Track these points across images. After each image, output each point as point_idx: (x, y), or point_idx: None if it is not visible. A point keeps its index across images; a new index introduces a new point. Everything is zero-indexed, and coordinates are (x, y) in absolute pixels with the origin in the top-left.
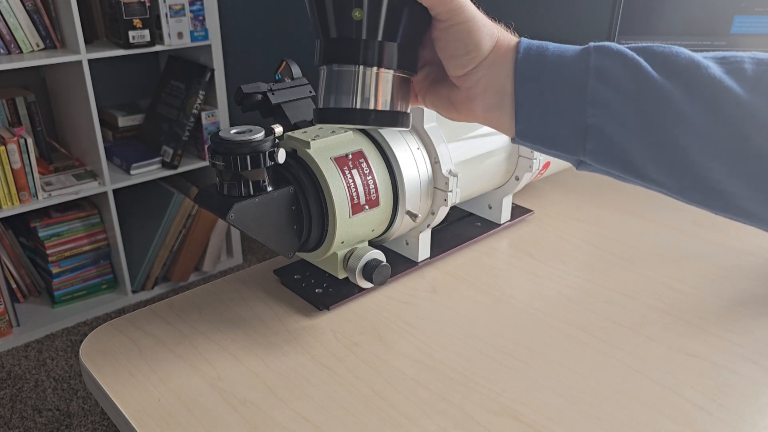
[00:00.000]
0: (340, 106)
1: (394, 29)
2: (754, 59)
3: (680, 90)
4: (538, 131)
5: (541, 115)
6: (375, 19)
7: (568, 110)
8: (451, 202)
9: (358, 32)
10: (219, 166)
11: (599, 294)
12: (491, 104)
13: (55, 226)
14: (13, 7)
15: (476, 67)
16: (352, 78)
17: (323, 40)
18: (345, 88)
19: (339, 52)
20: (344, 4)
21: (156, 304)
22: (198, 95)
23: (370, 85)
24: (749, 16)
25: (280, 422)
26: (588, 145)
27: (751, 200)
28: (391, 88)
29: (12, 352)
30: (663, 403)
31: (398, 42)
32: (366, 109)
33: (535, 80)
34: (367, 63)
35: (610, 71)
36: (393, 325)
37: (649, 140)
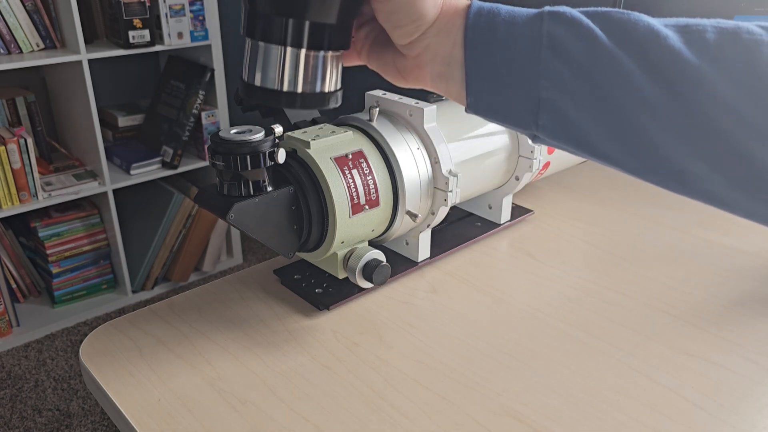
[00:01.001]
0: (266, 86)
1: (320, 8)
2: (717, 28)
3: (637, 63)
4: (489, 103)
5: (493, 87)
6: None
7: (521, 82)
8: (451, 202)
9: (286, 10)
10: (219, 166)
11: (599, 294)
12: (440, 72)
13: (55, 226)
14: (13, 7)
15: (422, 35)
16: (277, 58)
17: (249, 10)
18: (270, 67)
19: (264, 29)
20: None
21: (156, 304)
22: (198, 95)
23: (296, 67)
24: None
25: (280, 422)
26: (541, 120)
27: (712, 182)
28: (319, 70)
29: (12, 352)
30: (663, 403)
31: (330, 21)
32: (292, 92)
33: (486, 49)
34: (293, 44)
35: (563, 41)
36: (393, 325)
37: (606, 116)
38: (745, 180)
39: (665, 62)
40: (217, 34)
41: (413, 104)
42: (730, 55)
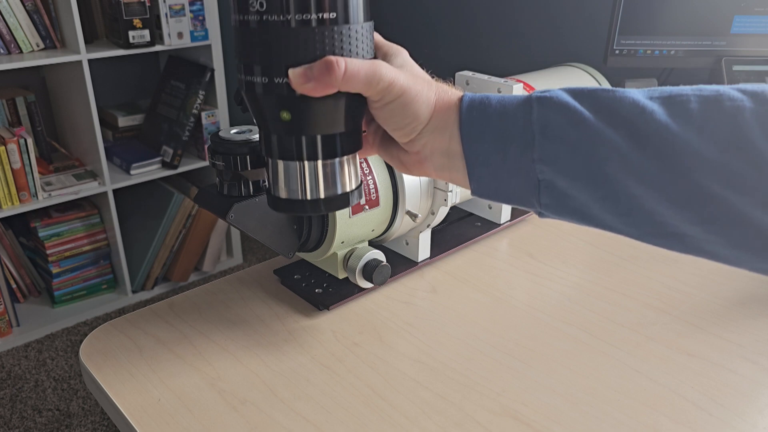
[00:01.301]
0: (290, 197)
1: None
2: (700, 97)
3: (627, 140)
4: (492, 189)
5: (493, 174)
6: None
7: (518, 167)
8: (451, 202)
9: (292, 131)
10: (219, 166)
11: (599, 294)
12: (442, 164)
13: (55, 226)
14: (13, 7)
15: (419, 134)
16: (296, 172)
17: (263, 134)
18: (292, 180)
19: (279, 149)
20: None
21: (156, 304)
22: (198, 95)
23: (314, 177)
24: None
25: (280, 422)
26: (542, 200)
27: (710, 243)
28: (336, 175)
29: (12, 352)
30: (663, 403)
31: (335, 132)
32: (316, 199)
33: (481, 140)
34: (306, 158)
35: (553, 126)
36: (393, 325)
37: (602, 192)
38: (745, 240)
39: (653, 136)
40: (217, 34)
41: None
42: (714, 124)
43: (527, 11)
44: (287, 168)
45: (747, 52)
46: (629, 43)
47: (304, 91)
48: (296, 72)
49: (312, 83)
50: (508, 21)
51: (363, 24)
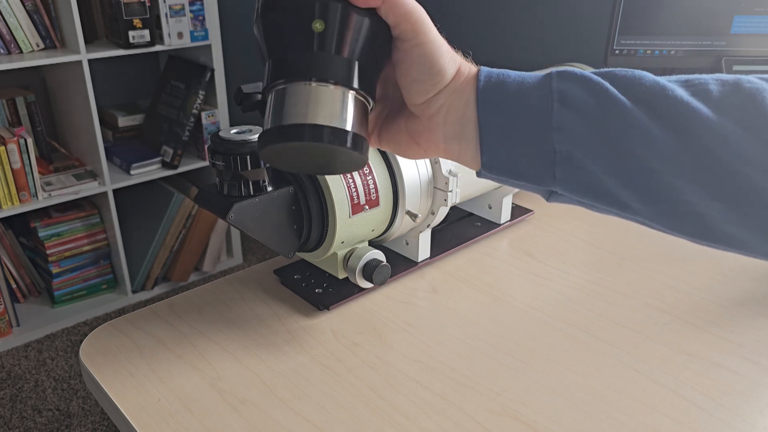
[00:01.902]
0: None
1: (354, 44)
2: (719, 80)
3: (647, 113)
4: (504, 161)
5: (507, 144)
6: (336, 31)
7: (534, 137)
8: (451, 202)
9: (317, 45)
10: (219, 166)
11: (599, 294)
12: (454, 133)
13: (55, 226)
14: (13, 7)
15: (438, 94)
16: (303, 93)
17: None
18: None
19: (293, 68)
20: (305, 15)
21: (156, 304)
22: (198, 95)
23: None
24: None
25: (280, 422)
26: (557, 173)
27: (728, 223)
28: (351, 107)
29: (12, 352)
30: (663, 403)
31: (358, 59)
32: (317, 124)
33: (498, 106)
34: (323, 78)
35: (573, 95)
36: (393, 325)
37: (620, 165)
38: (761, 219)
39: (673, 112)
40: (217, 34)
41: None
42: (734, 103)
43: (527, 11)
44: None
45: (747, 52)
46: (629, 43)
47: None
48: None
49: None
50: (507, 21)
51: None
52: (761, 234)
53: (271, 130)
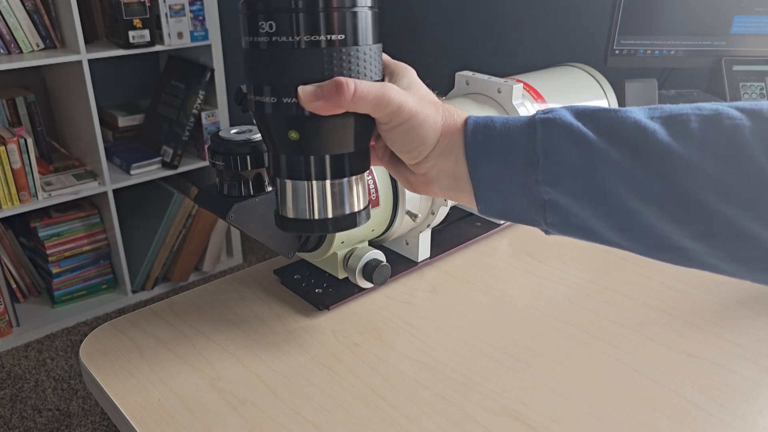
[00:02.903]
0: (298, 217)
1: (336, 143)
2: (700, 116)
3: (629, 158)
4: (499, 209)
5: (499, 195)
6: (313, 139)
7: (523, 188)
8: (450, 202)
9: (300, 150)
10: (219, 166)
11: (599, 294)
12: (448, 185)
13: (55, 226)
14: (13, 7)
15: (426, 158)
16: (304, 192)
17: (272, 154)
18: (300, 200)
19: (287, 169)
20: (277, 125)
21: (156, 304)
22: (198, 95)
23: (322, 197)
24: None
25: (280, 422)
26: (548, 218)
27: (713, 257)
28: (345, 195)
29: (12, 352)
30: (663, 403)
31: (342, 152)
32: (324, 219)
33: (486, 163)
34: (313, 178)
35: (557, 148)
36: (393, 325)
37: (605, 209)
38: (745, 254)
39: (654, 155)
40: (217, 34)
41: None
42: (714, 142)
43: (527, 11)
44: (295, 188)
45: (747, 52)
46: (629, 43)
47: (313, 109)
48: (306, 90)
49: (321, 102)
50: (508, 21)
51: (372, 46)
52: (745, 265)
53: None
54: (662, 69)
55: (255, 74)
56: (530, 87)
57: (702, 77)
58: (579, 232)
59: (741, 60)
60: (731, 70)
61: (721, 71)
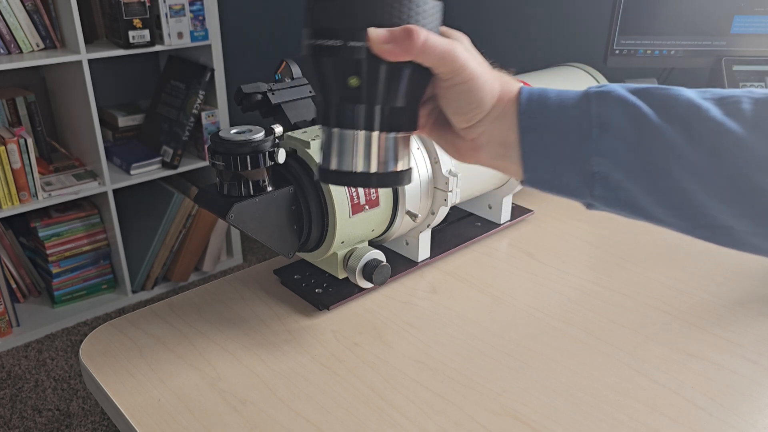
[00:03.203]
0: (342, 168)
1: (393, 95)
2: (752, 98)
3: (682, 135)
4: (545, 179)
5: (548, 165)
6: (373, 86)
7: (574, 159)
8: (451, 202)
9: (356, 98)
10: (219, 166)
11: (599, 294)
12: (497, 154)
13: (55, 226)
14: (13, 7)
15: (479, 122)
16: (351, 142)
17: (323, 102)
18: (345, 151)
19: (338, 117)
20: (342, 71)
21: (156, 304)
22: (198, 95)
23: (369, 149)
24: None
25: (280, 422)
26: (596, 191)
27: (757, 236)
28: (391, 151)
29: (12, 352)
30: (663, 403)
31: (397, 105)
32: (366, 172)
33: (539, 132)
34: (365, 128)
35: (612, 120)
36: (393, 325)
37: (654, 184)
38: None
39: (708, 132)
40: (217, 34)
41: None
42: (766, 122)
43: (527, 11)
44: (343, 137)
45: (747, 52)
46: (629, 43)
47: (382, 52)
48: (378, 32)
49: (391, 45)
50: (508, 21)
51: (438, 2)
52: None
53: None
54: (662, 69)
55: (321, 16)
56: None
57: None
58: (625, 208)
59: (741, 60)
60: (731, 70)
61: (721, 71)
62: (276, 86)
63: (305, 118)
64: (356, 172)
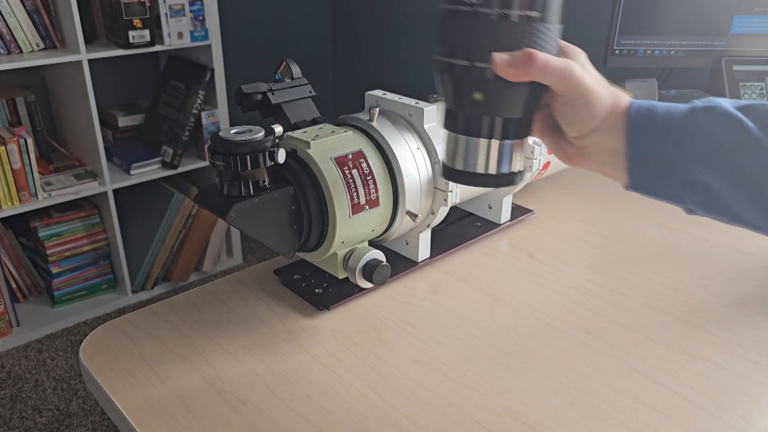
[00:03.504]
0: (465, 169)
1: (512, 108)
2: None
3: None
4: (649, 186)
5: (652, 172)
6: (495, 101)
7: (677, 168)
8: (451, 202)
9: (479, 110)
10: (219, 166)
11: (599, 294)
12: (604, 161)
13: (55, 226)
14: (13, 7)
15: (591, 132)
16: (473, 147)
17: (450, 109)
18: (468, 154)
19: (462, 124)
20: (468, 87)
21: (156, 304)
22: (198, 95)
23: (488, 154)
24: (749, 16)
25: (280, 422)
26: (696, 198)
27: None
28: (507, 155)
29: (12, 352)
30: (663, 403)
31: (515, 117)
32: (487, 174)
33: (645, 143)
34: (486, 136)
35: (715, 132)
36: (393, 325)
37: (753, 193)
38: None
39: None
40: (217, 34)
41: (413, 104)
42: None
43: None
44: (468, 143)
45: (747, 52)
46: (629, 43)
47: (504, 74)
48: (501, 56)
49: (512, 69)
50: None
51: (557, 25)
52: None
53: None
54: (662, 69)
55: (451, 38)
56: None
57: (702, 77)
58: (724, 215)
59: (741, 60)
60: (731, 70)
61: (721, 71)
62: (276, 86)
63: (305, 118)
64: (477, 173)
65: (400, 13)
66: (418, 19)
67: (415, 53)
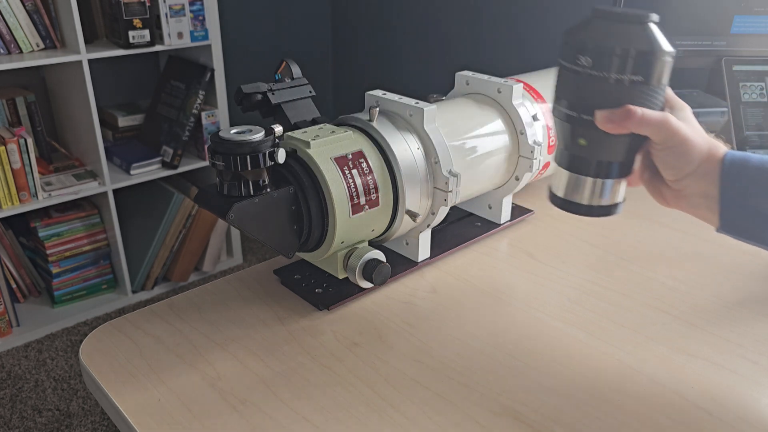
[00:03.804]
0: (572, 200)
1: (612, 154)
2: None
3: None
4: (739, 228)
5: (742, 217)
6: (597, 148)
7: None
8: (451, 202)
9: (584, 152)
10: (219, 166)
11: (599, 294)
12: (697, 204)
13: (55, 226)
14: (13, 7)
15: (687, 176)
16: (580, 183)
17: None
18: (575, 188)
19: (569, 163)
20: (575, 133)
21: (156, 304)
22: (198, 95)
23: (590, 190)
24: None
25: (280, 422)
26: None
27: None
28: (608, 191)
29: (12, 352)
30: (663, 403)
31: (616, 161)
32: (591, 205)
33: (738, 191)
34: (592, 175)
35: None
36: (393, 325)
37: None
38: None
39: None
40: (217, 34)
41: (413, 104)
42: None
43: (527, 11)
44: (575, 179)
45: (747, 52)
46: None
47: (604, 128)
48: (602, 113)
49: (612, 124)
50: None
51: (662, 86)
52: None
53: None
54: None
55: (565, 90)
56: (530, 87)
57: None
58: None
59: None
60: (731, 70)
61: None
62: (276, 86)
63: (305, 118)
64: (579, 203)
65: (400, 14)
66: (418, 19)
67: (415, 53)
